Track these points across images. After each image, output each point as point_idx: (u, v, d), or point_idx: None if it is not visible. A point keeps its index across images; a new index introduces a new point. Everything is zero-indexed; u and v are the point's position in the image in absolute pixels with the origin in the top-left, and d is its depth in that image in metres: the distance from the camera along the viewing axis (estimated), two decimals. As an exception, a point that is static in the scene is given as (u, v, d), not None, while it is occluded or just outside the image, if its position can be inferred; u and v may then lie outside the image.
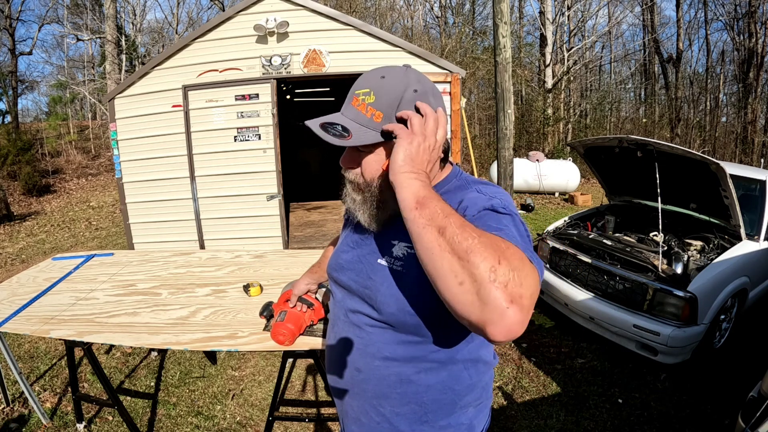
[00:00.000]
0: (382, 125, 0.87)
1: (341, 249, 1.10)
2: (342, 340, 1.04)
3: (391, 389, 0.98)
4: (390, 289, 0.93)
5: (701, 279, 2.94)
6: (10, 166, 11.82)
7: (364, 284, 0.98)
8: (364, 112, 0.89)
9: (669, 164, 3.29)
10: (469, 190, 0.94)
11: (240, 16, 4.37)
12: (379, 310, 0.95)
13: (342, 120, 0.90)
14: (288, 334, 1.59)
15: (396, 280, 0.93)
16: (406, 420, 1.00)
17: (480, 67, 15.08)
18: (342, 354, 1.04)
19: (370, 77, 0.90)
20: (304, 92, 8.37)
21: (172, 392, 2.93)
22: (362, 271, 1.00)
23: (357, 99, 0.90)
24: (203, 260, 2.70)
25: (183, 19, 20.34)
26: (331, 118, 0.91)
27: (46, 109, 20.32)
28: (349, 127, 0.88)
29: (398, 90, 0.87)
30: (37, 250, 7.01)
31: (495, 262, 0.64)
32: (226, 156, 4.61)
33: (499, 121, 5.28)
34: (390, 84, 0.88)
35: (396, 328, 0.95)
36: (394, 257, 0.94)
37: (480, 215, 0.83)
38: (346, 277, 1.05)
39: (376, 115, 0.88)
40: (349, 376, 1.03)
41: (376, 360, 0.98)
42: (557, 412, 2.70)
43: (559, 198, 10.07)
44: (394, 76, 0.89)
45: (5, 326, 1.94)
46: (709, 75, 17.01)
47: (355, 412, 1.05)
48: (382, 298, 0.94)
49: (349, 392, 1.05)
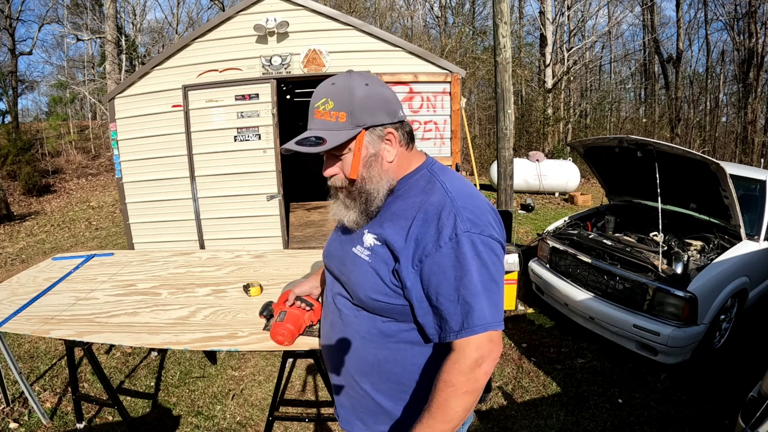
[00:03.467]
0: (348, 123, 0.97)
1: (331, 237, 1.20)
2: (329, 322, 1.15)
3: (370, 368, 1.06)
4: (358, 276, 1.02)
5: (701, 279, 2.93)
6: (10, 166, 11.82)
7: (341, 270, 1.09)
8: (329, 118, 0.97)
9: (669, 164, 3.29)
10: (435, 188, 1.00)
11: (240, 16, 4.37)
12: (351, 295, 1.06)
13: (313, 133, 0.99)
14: (287, 335, 1.59)
15: (363, 269, 1.01)
16: (386, 396, 1.08)
17: (480, 67, 15.08)
18: (330, 335, 1.14)
19: (322, 89, 1.00)
20: (304, 92, 8.37)
21: (172, 392, 2.93)
22: (341, 258, 1.10)
23: (318, 111, 0.99)
24: (203, 260, 2.70)
25: (183, 19, 20.36)
26: (303, 135, 1.00)
27: (46, 109, 20.35)
28: (323, 136, 0.97)
29: (349, 87, 0.97)
30: (37, 250, 7.01)
31: (469, 400, 0.92)
32: (226, 156, 4.61)
33: (499, 121, 5.28)
34: (341, 86, 0.98)
35: (369, 311, 1.04)
36: (364, 246, 1.03)
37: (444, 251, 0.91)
38: (331, 263, 1.15)
39: (340, 116, 0.97)
40: (336, 354, 1.12)
41: (355, 340, 1.07)
42: (557, 412, 2.70)
43: (559, 198, 10.07)
44: (341, 79, 0.99)
45: (5, 326, 1.94)
46: (709, 75, 17.01)
47: (344, 388, 1.15)
48: (352, 285, 1.04)
49: (337, 369, 1.14)
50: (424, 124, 4.63)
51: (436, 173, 1.04)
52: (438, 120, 4.64)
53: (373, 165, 1.01)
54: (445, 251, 0.91)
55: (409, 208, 0.99)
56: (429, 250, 0.93)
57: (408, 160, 1.06)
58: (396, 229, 0.98)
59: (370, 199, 1.01)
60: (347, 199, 1.04)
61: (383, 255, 0.99)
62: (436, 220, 0.93)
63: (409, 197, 1.01)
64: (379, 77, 1.25)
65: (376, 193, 1.01)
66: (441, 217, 0.93)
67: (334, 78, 1.00)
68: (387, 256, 0.99)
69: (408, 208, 0.99)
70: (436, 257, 0.92)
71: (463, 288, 0.91)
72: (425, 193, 1.00)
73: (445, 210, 0.94)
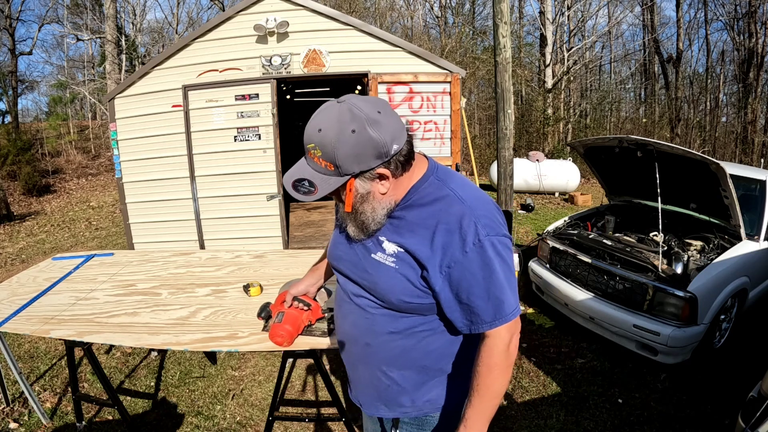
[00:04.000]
0: (336, 172, 0.99)
1: (337, 240, 1.24)
2: (351, 320, 1.21)
3: (396, 357, 1.16)
4: (387, 282, 1.09)
5: (701, 279, 2.93)
6: (10, 166, 11.82)
7: (363, 276, 1.14)
8: (319, 163, 1.00)
9: (669, 164, 3.29)
10: (450, 199, 1.05)
11: (240, 16, 4.37)
12: (379, 299, 1.12)
13: (308, 173, 1.02)
14: (286, 336, 1.59)
15: (391, 275, 1.08)
16: (409, 381, 1.18)
17: (480, 67, 15.08)
18: (352, 332, 1.21)
19: (312, 132, 0.99)
20: (304, 92, 8.37)
21: (172, 392, 2.93)
22: (358, 263, 1.15)
23: (310, 153, 1.01)
24: (203, 260, 2.70)
25: (183, 19, 20.37)
26: (299, 173, 1.03)
27: (46, 109, 20.35)
28: (314, 181, 1.01)
29: (333, 142, 0.96)
30: (37, 250, 7.01)
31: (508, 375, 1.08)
32: (226, 156, 4.61)
33: (499, 121, 5.28)
34: (327, 137, 0.96)
35: (396, 310, 1.12)
36: (387, 254, 1.09)
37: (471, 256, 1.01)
38: (344, 268, 1.20)
39: (329, 166, 0.99)
40: (361, 349, 1.20)
41: (382, 335, 1.15)
42: (557, 412, 2.69)
43: (559, 198, 10.07)
44: (328, 126, 0.97)
45: (5, 326, 1.94)
46: (709, 75, 17.02)
47: (368, 379, 1.23)
48: (381, 290, 1.10)
49: (361, 362, 1.23)
50: (424, 124, 4.63)
51: (444, 181, 1.09)
52: (438, 120, 4.64)
53: (366, 200, 1.05)
54: (472, 256, 1.00)
55: (428, 217, 1.05)
56: (457, 257, 1.01)
57: (409, 176, 1.08)
58: (419, 239, 1.04)
59: (366, 224, 1.08)
60: (345, 216, 1.12)
61: (408, 262, 1.06)
62: (459, 229, 1.01)
63: (423, 207, 1.07)
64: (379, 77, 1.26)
65: (371, 221, 1.07)
66: (462, 226, 1.01)
67: (322, 117, 0.99)
68: (412, 263, 1.06)
69: (426, 217, 1.05)
70: (465, 262, 1.01)
71: (492, 286, 1.01)
72: (439, 202, 1.06)
73: (464, 219, 1.01)
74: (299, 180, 1.03)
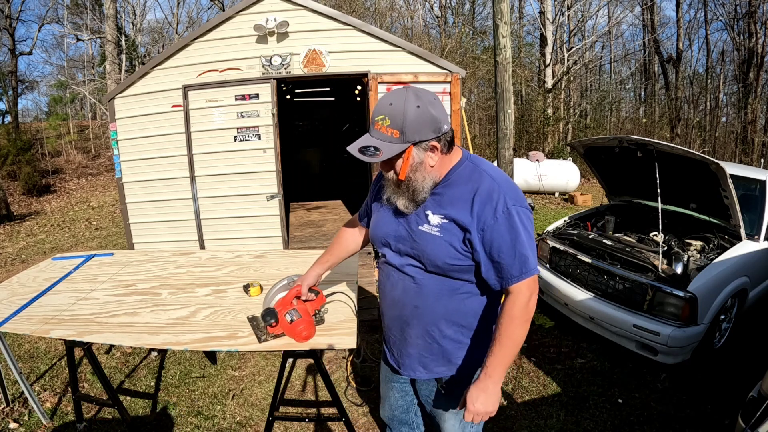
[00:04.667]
0: (400, 139, 1.24)
1: (381, 221, 1.47)
2: (401, 287, 1.43)
3: (440, 317, 1.39)
4: (434, 250, 1.32)
5: (701, 279, 2.93)
6: (10, 166, 11.82)
7: (412, 246, 1.37)
8: (386, 132, 1.25)
9: (669, 164, 3.29)
10: (483, 176, 1.32)
11: (240, 16, 4.37)
12: (426, 264, 1.35)
13: (373, 141, 1.26)
14: (306, 327, 1.65)
15: (438, 242, 1.32)
16: (449, 339, 1.42)
17: (480, 67, 15.07)
18: (402, 297, 1.43)
19: (382, 106, 1.26)
20: (304, 92, 8.37)
21: (172, 392, 2.93)
22: (407, 237, 1.38)
23: (378, 124, 1.25)
24: (203, 260, 2.70)
25: (183, 19, 20.35)
26: (365, 142, 1.27)
27: (46, 109, 20.34)
28: (380, 147, 1.25)
29: (403, 110, 1.22)
30: (37, 250, 7.01)
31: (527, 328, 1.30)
32: (226, 156, 4.61)
33: (499, 121, 5.27)
34: (396, 108, 1.23)
35: (441, 274, 1.35)
36: (432, 225, 1.32)
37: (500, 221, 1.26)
38: (392, 242, 1.43)
39: (395, 133, 1.24)
40: (410, 312, 1.42)
41: (430, 297, 1.38)
42: (557, 412, 2.69)
43: (559, 198, 10.07)
44: (398, 100, 1.24)
45: (5, 326, 1.94)
46: (709, 75, 17.00)
47: (413, 338, 1.45)
48: (428, 257, 1.34)
49: (408, 325, 1.44)
50: (424, 124, 4.63)
51: (477, 164, 1.36)
52: (438, 120, 4.64)
53: (418, 170, 1.30)
54: (501, 221, 1.26)
55: (466, 192, 1.31)
56: (489, 222, 1.26)
57: (450, 157, 1.35)
58: (460, 209, 1.30)
59: (417, 192, 1.32)
60: (395, 191, 1.35)
61: (452, 230, 1.30)
62: (490, 200, 1.27)
63: (461, 184, 1.33)
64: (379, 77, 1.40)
65: (421, 188, 1.31)
66: (493, 198, 1.27)
67: (392, 97, 1.25)
68: (455, 229, 1.30)
69: (464, 192, 1.31)
70: (495, 226, 1.26)
71: (518, 245, 1.26)
72: (474, 181, 1.31)
73: (494, 192, 1.27)
74: (365, 146, 1.26)
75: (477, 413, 1.29)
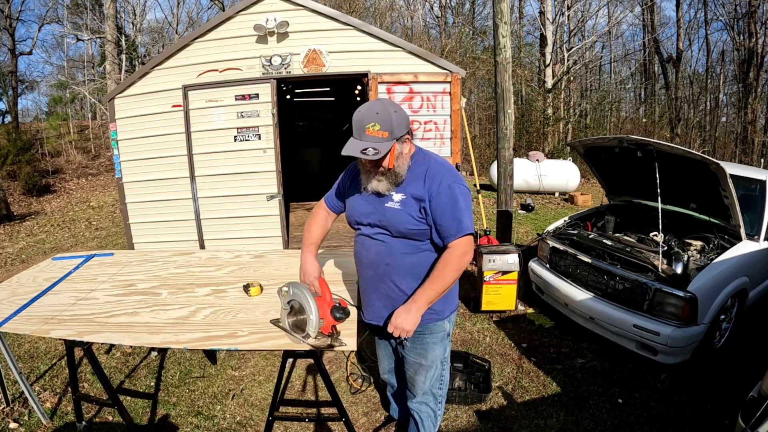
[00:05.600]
0: (389, 138, 1.62)
1: (356, 204, 1.84)
2: (375, 251, 1.80)
3: (406, 271, 1.78)
4: (396, 218, 1.72)
5: (701, 279, 2.93)
6: (10, 166, 11.82)
7: (380, 219, 1.76)
8: (378, 135, 1.61)
9: (669, 164, 3.29)
10: (430, 161, 1.76)
11: (240, 16, 4.37)
12: (392, 231, 1.75)
13: (369, 144, 1.60)
14: None
15: (398, 214, 1.72)
16: (410, 288, 1.77)
17: (480, 67, 15.09)
18: (376, 258, 1.80)
19: (369, 115, 1.61)
20: (304, 92, 8.36)
21: (172, 392, 2.93)
22: (376, 212, 1.76)
23: (369, 130, 1.60)
24: (203, 260, 2.70)
25: (183, 19, 20.35)
26: (361, 145, 1.60)
27: (46, 109, 20.33)
28: (377, 147, 1.60)
29: (388, 115, 1.61)
30: (37, 250, 7.01)
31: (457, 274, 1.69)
32: (226, 156, 4.61)
33: (499, 121, 5.27)
34: (383, 114, 1.62)
35: (404, 237, 1.75)
36: (394, 201, 1.72)
37: (443, 193, 1.67)
38: (367, 219, 1.80)
39: (384, 134, 1.61)
40: (383, 269, 1.80)
41: (397, 256, 1.77)
42: (557, 412, 2.69)
43: (559, 198, 10.07)
44: (381, 110, 1.62)
45: (5, 326, 1.94)
46: (709, 75, 17.01)
47: (385, 292, 1.82)
48: (392, 225, 1.73)
49: (381, 280, 1.81)
50: (424, 124, 4.63)
51: (426, 153, 1.81)
52: (438, 120, 4.64)
53: (399, 158, 1.69)
54: (444, 193, 1.67)
55: (419, 173, 1.72)
56: (434, 194, 1.68)
57: (411, 146, 1.76)
58: (416, 187, 1.71)
59: (399, 176, 1.70)
60: (380, 177, 1.70)
61: (410, 203, 1.70)
62: (437, 177, 1.69)
63: (416, 168, 1.74)
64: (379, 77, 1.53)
65: (402, 172, 1.71)
66: (438, 175, 1.70)
67: (374, 107, 1.62)
68: (413, 202, 1.70)
69: (418, 174, 1.72)
70: (438, 197, 1.67)
71: (455, 211, 1.67)
72: (425, 164, 1.74)
73: (440, 172, 1.71)
74: (365, 148, 1.58)
75: (396, 327, 1.64)
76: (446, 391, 2.15)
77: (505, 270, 3.82)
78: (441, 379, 2.06)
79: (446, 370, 2.10)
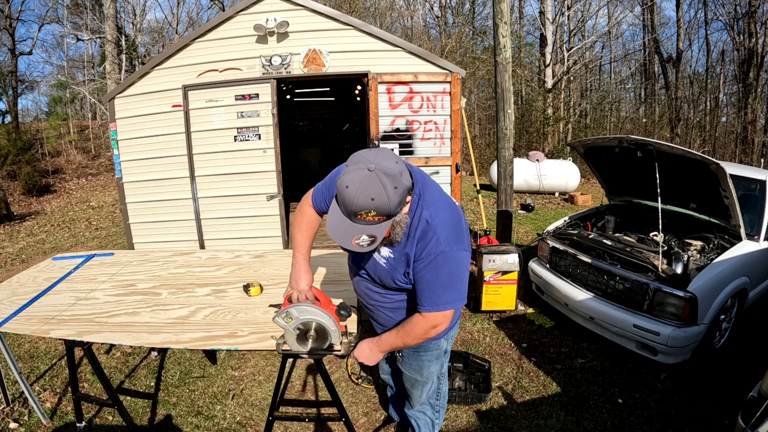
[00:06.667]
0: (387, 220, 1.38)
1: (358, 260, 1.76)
2: (363, 285, 1.81)
3: (394, 313, 1.78)
4: (381, 273, 1.66)
5: (701, 279, 2.93)
6: (10, 166, 11.82)
7: (375, 274, 1.71)
8: (372, 220, 1.36)
9: (669, 164, 3.29)
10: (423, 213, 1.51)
11: (240, 16, 4.37)
12: (383, 285, 1.71)
13: (362, 230, 1.37)
14: None
15: (386, 270, 1.65)
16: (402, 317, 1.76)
17: (480, 67, 15.08)
18: (366, 291, 1.81)
19: (364, 202, 1.32)
20: (304, 92, 8.37)
21: (172, 392, 2.93)
22: (365, 258, 1.70)
23: (362, 215, 1.35)
24: (203, 260, 2.70)
25: (183, 19, 20.34)
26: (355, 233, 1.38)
27: (46, 109, 20.32)
28: (373, 233, 1.37)
29: (387, 201, 1.33)
30: (37, 250, 7.01)
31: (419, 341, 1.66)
32: (226, 156, 4.60)
33: (499, 121, 5.27)
34: (380, 201, 1.32)
35: (394, 290, 1.71)
36: (384, 258, 1.64)
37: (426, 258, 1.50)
38: (367, 274, 1.76)
39: (381, 218, 1.36)
40: (372, 303, 1.82)
41: (387, 301, 1.77)
42: (557, 412, 2.70)
43: (559, 198, 10.07)
44: (377, 194, 1.32)
45: (5, 326, 1.94)
46: (709, 75, 17.00)
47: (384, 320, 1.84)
48: (382, 280, 1.69)
49: (378, 315, 1.84)
50: (424, 124, 4.63)
51: (421, 203, 1.52)
52: (438, 120, 4.64)
53: (397, 226, 1.47)
54: (427, 260, 1.50)
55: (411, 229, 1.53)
56: (417, 259, 1.53)
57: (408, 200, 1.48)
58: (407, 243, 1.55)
59: (395, 239, 1.52)
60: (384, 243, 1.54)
61: (399, 261, 1.59)
62: (423, 241, 1.50)
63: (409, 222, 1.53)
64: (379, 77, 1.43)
65: (398, 237, 1.52)
66: (426, 238, 1.50)
67: (369, 190, 1.31)
68: (402, 260, 1.57)
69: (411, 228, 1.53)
70: (420, 263, 1.52)
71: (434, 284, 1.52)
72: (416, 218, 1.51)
73: (428, 235, 1.50)
74: (357, 238, 1.38)
75: (358, 357, 1.70)
76: (445, 401, 2.18)
77: (505, 270, 3.82)
78: (438, 392, 2.10)
79: (444, 384, 2.13)
